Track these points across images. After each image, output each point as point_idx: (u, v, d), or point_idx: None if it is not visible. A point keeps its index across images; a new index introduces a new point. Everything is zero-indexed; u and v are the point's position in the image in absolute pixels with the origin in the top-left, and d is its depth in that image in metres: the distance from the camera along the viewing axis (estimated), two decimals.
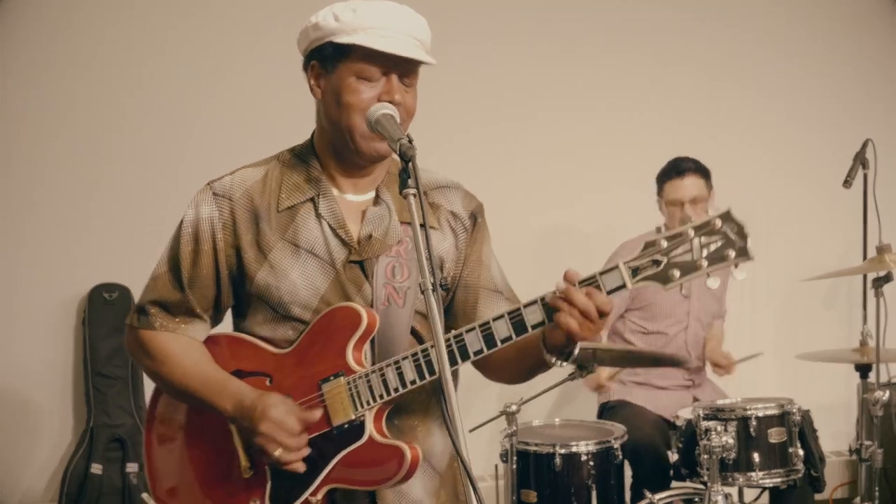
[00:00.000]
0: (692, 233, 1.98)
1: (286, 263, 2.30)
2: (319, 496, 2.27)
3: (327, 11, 2.24)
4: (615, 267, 2.04)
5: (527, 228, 5.28)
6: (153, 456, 2.50)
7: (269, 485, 2.29)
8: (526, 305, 2.11)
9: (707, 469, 3.69)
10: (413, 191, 2.02)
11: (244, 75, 5.09)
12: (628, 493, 4.13)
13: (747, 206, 5.22)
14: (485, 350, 2.14)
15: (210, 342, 2.41)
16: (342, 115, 2.25)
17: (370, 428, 2.23)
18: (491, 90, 5.40)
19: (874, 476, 4.11)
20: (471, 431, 3.90)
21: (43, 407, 4.93)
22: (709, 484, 3.68)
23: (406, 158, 2.03)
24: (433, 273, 1.98)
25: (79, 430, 4.92)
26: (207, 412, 2.33)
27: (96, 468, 4.79)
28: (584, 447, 3.80)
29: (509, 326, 2.11)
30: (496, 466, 4.08)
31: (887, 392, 3.95)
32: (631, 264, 2.03)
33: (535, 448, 3.82)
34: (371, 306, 2.30)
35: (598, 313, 2.05)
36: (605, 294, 2.04)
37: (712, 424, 3.71)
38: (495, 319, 2.13)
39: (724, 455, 3.70)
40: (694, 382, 4.64)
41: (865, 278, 4.64)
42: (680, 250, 1.99)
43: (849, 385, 4.91)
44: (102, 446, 4.82)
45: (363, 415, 2.23)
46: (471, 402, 4.70)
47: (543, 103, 5.48)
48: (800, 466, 3.87)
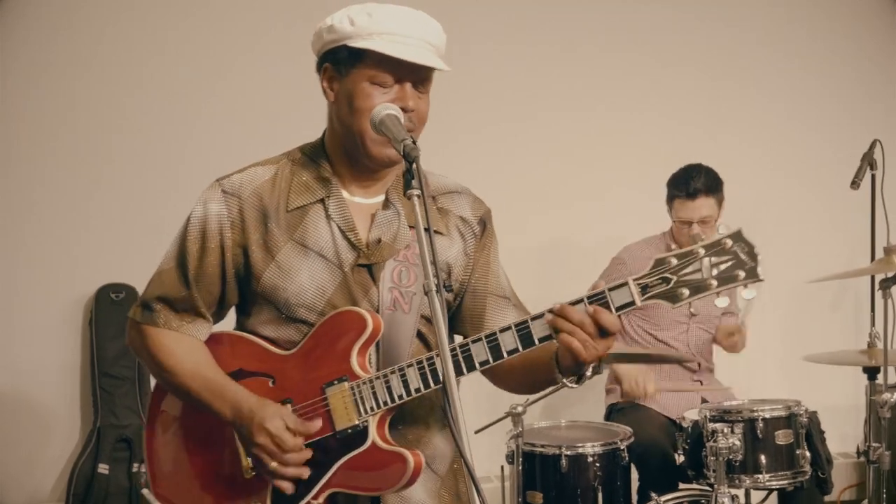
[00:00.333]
0: (702, 252, 1.99)
1: (294, 264, 2.29)
2: (321, 500, 2.26)
3: (343, 14, 2.22)
4: (624, 283, 2.03)
5: (528, 231, 5.25)
6: (154, 452, 2.49)
7: (271, 487, 2.29)
8: (534, 318, 2.11)
9: (713, 471, 3.68)
10: (417, 192, 2.01)
11: (245, 74, 5.10)
12: (635, 495, 4.12)
13: (754, 208, 5.28)
14: (491, 361, 2.14)
15: (214, 340, 2.40)
16: (354, 120, 2.23)
17: (373, 434, 2.22)
18: (491, 91, 5.39)
19: (882, 478, 4.09)
20: (476, 433, 3.89)
21: (50, 407, 4.94)
22: (715, 486, 3.66)
23: (410, 159, 2.03)
24: (437, 275, 1.97)
25: (86, 431, 4.93)
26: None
27: (103, 468, 4.80)
28: (591, 449, 3.78)
29: (516, 339, 2.11)
30: (502, 468, 4.08)
31: (895, 394, 3.94)
32: (640, 281, 2.02)
33: (541, 449, 3.80)
34: (377, 310, 2.29)
35: (602, 331, 2.04)
36: (614, 312, 2.04)
37: (719, 426, 3.70)
38: (502, 331, 2.12)
39: (731, 457, 3.68)
40: (701, 383, 4.62)
41: (873, 279, 4.62)
42: (689, 269, 2.00)
43: (857, 387, 4.91)
44: (109, 446, 4.83)
45: (366, 420, 2.22)
46: (477, 403, 4.68)
47: (544, 104, 5.47)
48: (807, 468, 3.84)
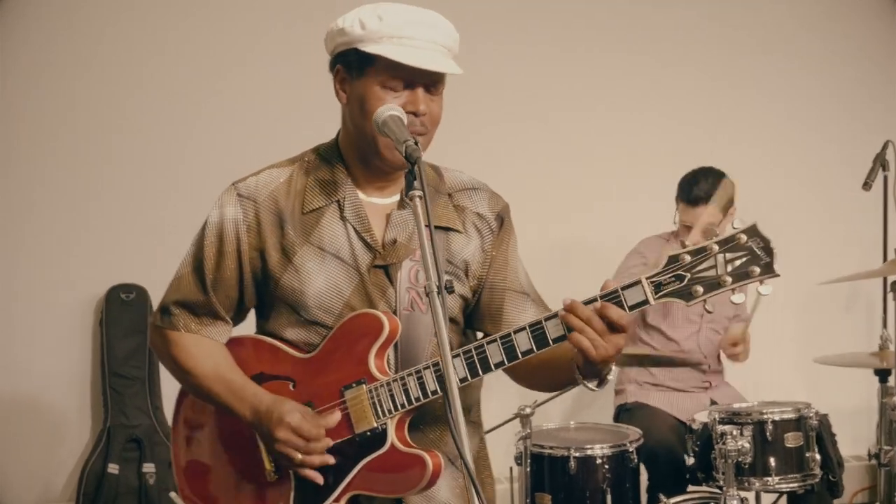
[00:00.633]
0: (716, 248, 1.96)
1: (311, 267, 2.29)
2: (342, 503, 2.26)
3: (354, 17, 2.20)
4: (637, 282, 2.01)
5: (543, 233, 5.25)
6: (180, 456, 2.51)
7: (293, 490, 2.30)
8: (547, 318, 2.10)
9: (722, 473, 3.66)
10: (419, 193, 2.00)
11: (250, 68, 5.10)
12: (644, 497, 4.11)
13: (765, 210, 5.20)
14: (506, 362, 2.13)
15: (235, 344, 2.41)
16: (367, 123, 2.22)
17: (392, 436, 2.22)
18: (509, 91, 5.38)
19: (894, 481, 4.07)
20: (485, 433, 3.88)
21: (61, 407, 4.95)
22: (724, 488, 3.65)
23: (412, 160, 2.02)
24: (440, 275, 1.96)
25: (96, 431, 4.94)
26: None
27: (113, 468, 4.80)
28: (599, 450, 3.76)
29: (530, 339, 2.10)
30: (511, 469, 4.07)
31: None
32: (654, 279, 2.00)
33: (550, 451, 3.79)
34: (394, 311, 2.29)
35: (612, 327, 2.02)
36: (627, 311, 2.01)
37: (728, 428, 3.67)
38: (517, 332, 2.12)
39: (740, 459, 3.66)
40: (711, 385, 4.60)
41: (885, 281, 4.60)
42: (704, 265, 1.97)
43: (870, 389, 4.87)
44: (119, 446, 4.83)
45: (385, 423, 2.22)
46: (485, 405, 4.66)
47: (563, 104, 5.46)
48: (817, 471, 3.82)
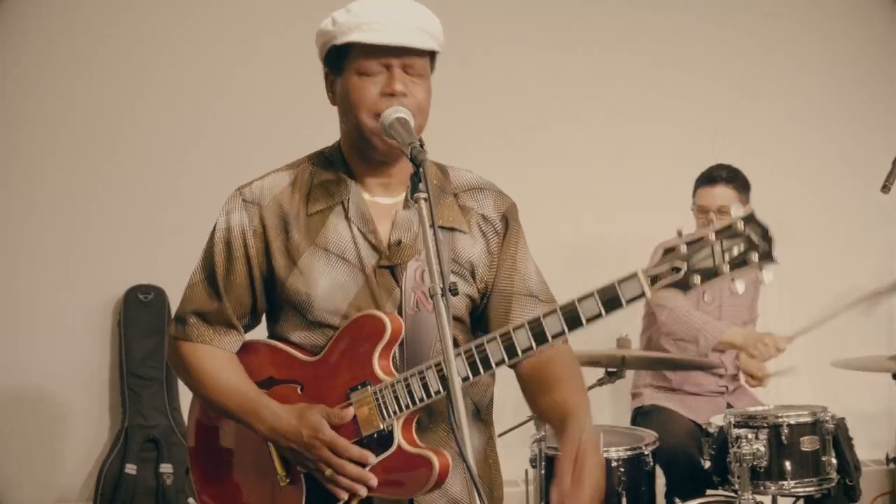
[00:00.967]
0: (713, 237, 1.92)
1: (316, 269, 2.30)
2: None
3: (328, 17, 2.24)
4: (633, 275, 1.99)
5: (561, 238, 5.25)
6: (197, 461, 2.54)
7: (304, 494, 2.31)
8: (546, 315, 2.09)
9: (738, 477, 3.64)
10: (424, 195, 2.00)
11: (260, 64, 5.12)
12: (661, 500, 4.09)
13: (783, 213, 5.20)
14: (506, 360, 2.13)
15: (245, 349, 2.43)
16: (351, 115, 2.25)
17: (399, 437, 2.22)
18: (528, 94, 5.39)
19: None
20: (500, 436, 3.86)
21: (79, 407, 4.98)
22: (739, 492, 3.63)
23: (416, 162, 2.03)
24: (444, 277, 1.96)
25: (114, 431, 4.96)
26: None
27: (130, 468, 4.82)
28: (615, 453, 3.74)
29: (530, 337, 2.10)
30: (526, 471, 4.06)
31: None
32: (650, 272, 1.98)
33: None
34: (400, 311, 2.29)
35: None
36: (625, 305, 2.01)
37: (743, 432, 3.66)
38: (516, 329, 2.11)
39: (755, 463, 3.64)
40: (728, 389, 4.58)
41: None
42: (701, 255, 1.93)
43: (889, 393, 4.83)
44: (137, 447, 4.86)
45: (391, 424, 2.22)
46: (500, 407, 4.66)
47: (581, 104, 5.47)
48: (833, 475, 3.78)
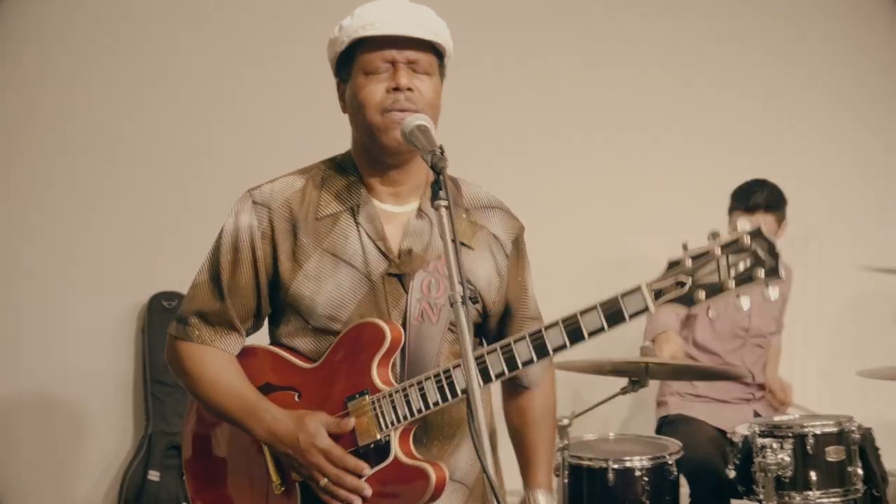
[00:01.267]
0: (719, 251, 1.90)
1: (322, 274, 2.29)
2: None
3: (336, 26, 2.28)
4: (637, 288, 1.98)
5: (584, 243, 5.23)
6: (191, 466, 2.52)
7: (299, 502, 2.30)
8: (548, 327, 2.08)
9: (762, 487, 3.61)
10: (444, 203, 1.99)
11: (271, 65, 5.12)
12: None
13: (812, 214, 5.17)
14: (506, 372, 2.11)
15: (244, 354, 2.41)
16: (359, 116, 2.26)
17: (395, 448, 2.21)
18: (555, 107, 5.37)
19: None
20: None
21: (103, 413, 4.99)
22: (764, 502, 3.60)
23: (437, 170, 2.01)
24: (464, 286, 1.95)
25: (137, 437, 4.98)
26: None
27: (154, 475, 4.83)
28: (639, 462, 3.70)
29: (531, 349, 2.09)
30: None
31: None
32: (654, 286, 1.96)
33: (588, 462, 3.73)
34: (405, 320, 2.28)
35: None
36: (628, 319, 2.00)
37: (768, 441, 3.63)
38: (517, 341, 2.10)
39: (780, 473, 3.60)
40: (754, 396, 4.55)
41: None
42: (706, 270, 1.92)
43: None
44: (160, 453, 4.86)
45: (388, 435, 2.21)
46: None
47: (609, 117, 5.44)
48: (859, 486, 3.74)
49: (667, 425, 4.46)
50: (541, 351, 2.08)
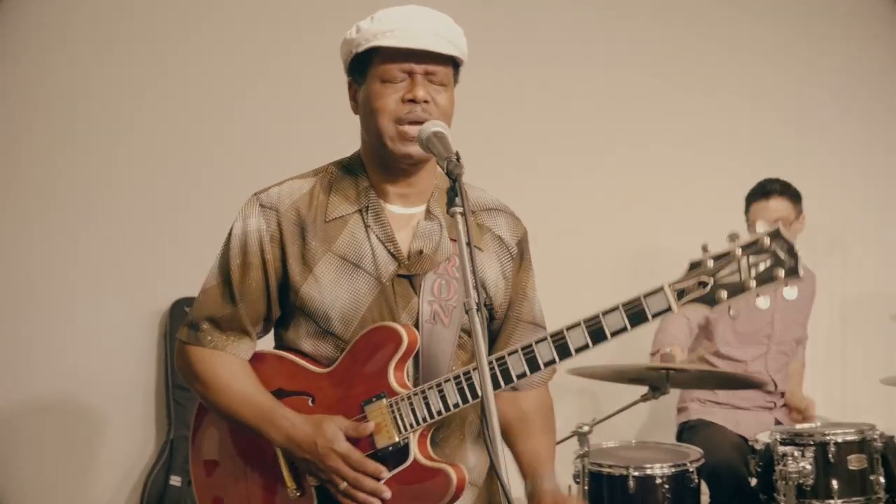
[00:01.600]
0: (740, 252, 1.93)
1: (331, 276, 2.29)
2: None
3: (353, 26, 2.27)
4: (660, 289, 1.99)
5: (610, 251, 5.22)
6: (199, 472, 2.51)
7: None
8: (570, 327, 2.08)
9: (784, 495, 3.60)
10: (460, 209, 1.99)
11: (283, 62, 5.12)
12: None
13: (835, 220, 5.15)
14: (528, 373, 2.12)
15: (254, 359, 2.40)
16: (372, 122, 2.26)
17: (414, 450, 2.21)
18: (578, 111, 5.38)
19: None
20: None
21: (125, 419, 5.00)
22: None
23: (453, 177, 2.01)
24: (479, 292, 1.95)
25: (159, 443, 4.99)
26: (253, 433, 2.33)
27: (175, 480, 4.84)
28: (659, 469, 3.69)
29: (552, 350, 2.09)
30: (569, 487, 4.02)
31: None
32: (677, 286, 1.98)
33: (609, 469, 3.73)
34: (416, 323, 2.29)
35: None
36: (651, 318, 2.00)
37: (789, 449, 3.61)
38: (538, 342, 2.10)
39: (801, 481, 3.60)
40: (776, 404, 4.53)
41: None
42: (727, 270, 1.94)
43: None
44: (182, 459, 4.87)
45: (407, 437, 2.21)
46: None
47: (635, 115, 5.45)
48: (881, 494, 3.73)
49: (688, 430, 4.45)
50: (563, 351, 2.08)
